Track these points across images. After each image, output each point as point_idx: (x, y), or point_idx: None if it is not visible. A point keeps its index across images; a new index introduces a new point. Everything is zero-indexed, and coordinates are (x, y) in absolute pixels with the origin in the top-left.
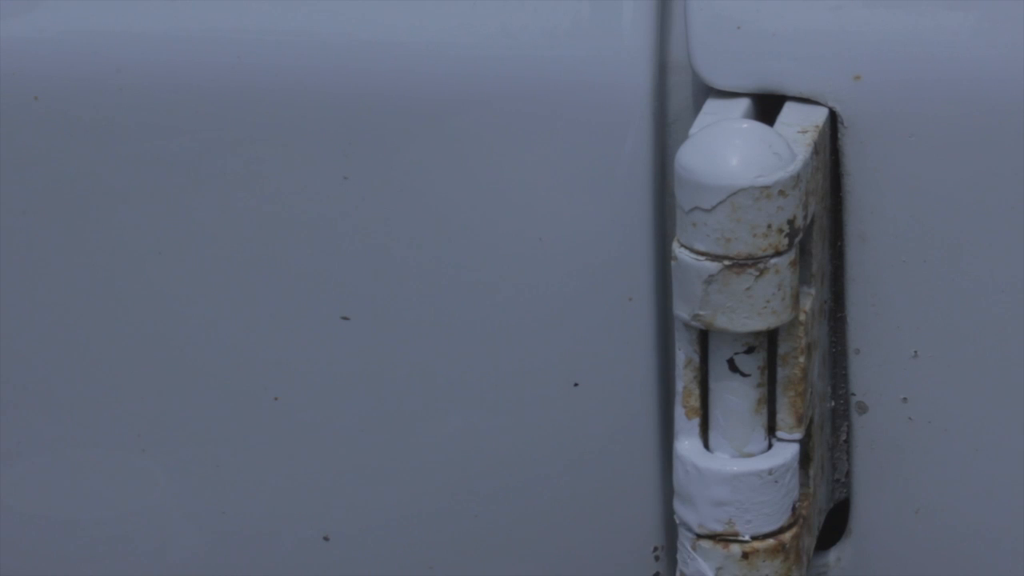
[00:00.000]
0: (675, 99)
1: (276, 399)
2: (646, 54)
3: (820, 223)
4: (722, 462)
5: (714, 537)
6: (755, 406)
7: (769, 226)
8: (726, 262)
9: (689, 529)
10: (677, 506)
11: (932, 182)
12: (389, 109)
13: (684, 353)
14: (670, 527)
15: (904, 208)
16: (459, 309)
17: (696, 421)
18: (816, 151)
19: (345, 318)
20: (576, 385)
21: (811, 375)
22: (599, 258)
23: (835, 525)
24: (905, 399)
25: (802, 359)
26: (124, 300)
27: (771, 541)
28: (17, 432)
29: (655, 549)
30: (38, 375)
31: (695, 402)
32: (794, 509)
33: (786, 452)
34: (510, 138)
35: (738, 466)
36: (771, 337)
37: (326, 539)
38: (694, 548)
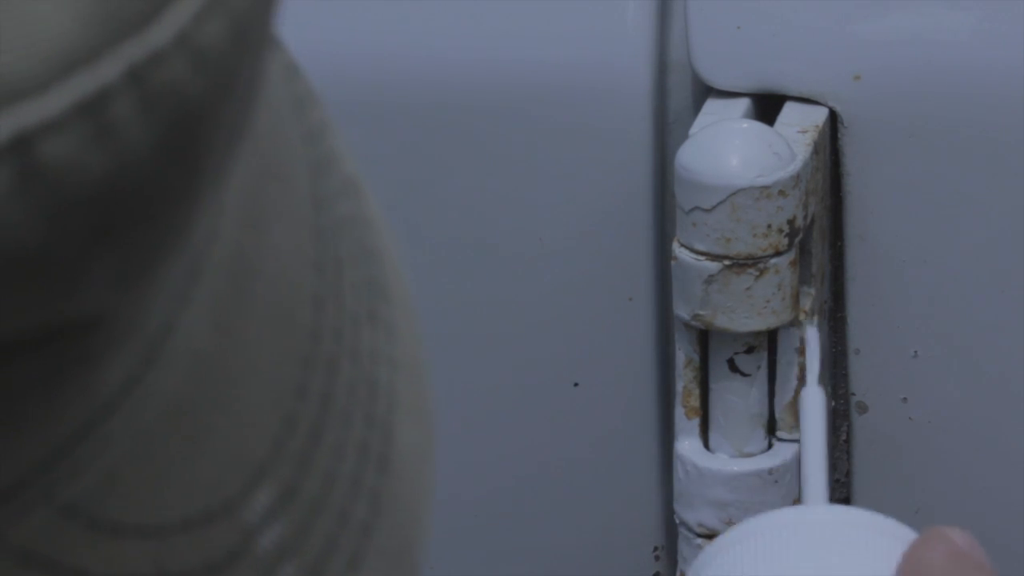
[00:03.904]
0: (675, 99)
1: None
2: (646, 54)
3: (820, 223)
4: (722, 462)
5: (714, 537)
6: (755, 406)
7: (769, 226)
8: (726, 262)
9: (689, 529)
10: (677, 506)
11: (932, 182)
12: (388, 110)
13: (684, 353)
14: (670, 527)
15: (904, 208)
16: (459, 309)
17: (696, 421)
18: (816, 151)
19: None
20: (576, 385)
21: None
22: (599, 258)
23: None
24: (905, 399)
25: (802, 359)
26: None
27: None
28: None
29: (655, 549)
30: None
31: (695, 402)
32: None
33: (786, 452)
34: (509, 138)
35: (738, 466)
36: (771, 337)
37: None
38: (694, 548)
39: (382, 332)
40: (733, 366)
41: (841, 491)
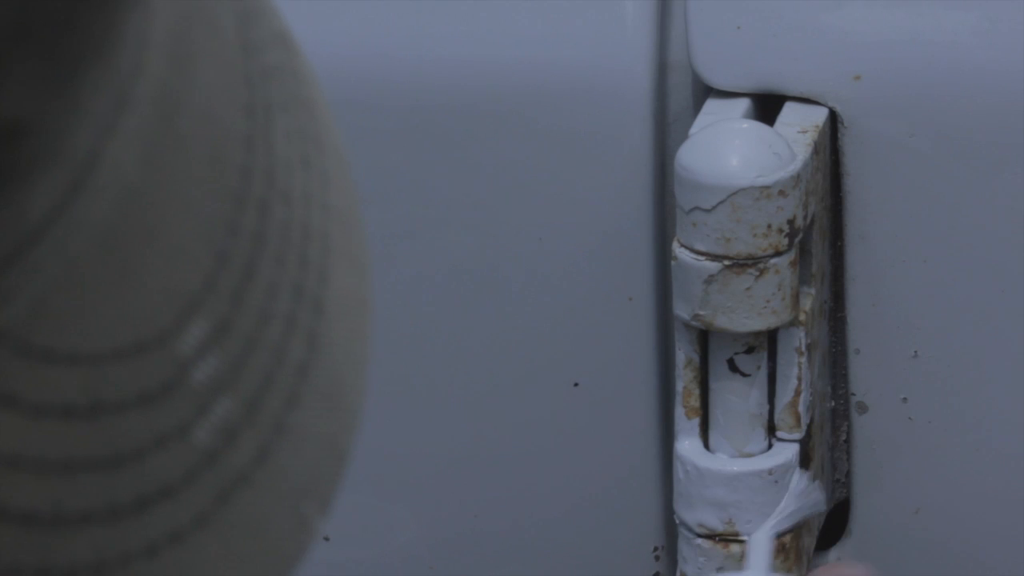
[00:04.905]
0: (675, 99)
1: None
2: (646, 54)
3: (820, 223)
4: (722, 462)
5: (714, 537)
6: (755, 406)
7: (769, 226)
8: (726, 262)
9: (689, 529)
10: (677, 506)
11: (932, 182)
12: (388, 110)
13: (684, 353)
14: (670, 527)
15: (904, 208)
16: (459, 309)
17: (696, 421)
18: (816, 151)
19: None
20: (576, 385)
21: (811, 375)
22: (599, 258)
23: (835, 525)
24: (905, 399)
25: (802, 359)
26: None
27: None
28: None
29: (655, 549)
30: None
31: (695, 402)
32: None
33: (786, 452)
34: (509, 138)
35: (738, 466)
36: (771, 337)
37: (326, 539)
38: (694, 548)
39: (315, 178)
40: (733, 366)
41: (841, 491)
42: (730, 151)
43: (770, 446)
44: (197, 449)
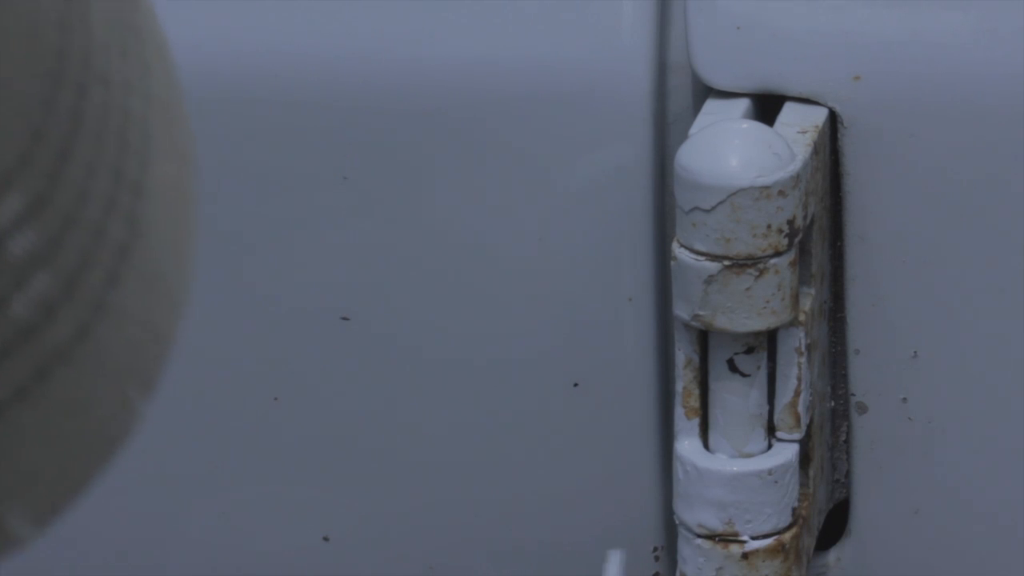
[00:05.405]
0: (675, 100)
1: (276, 399)
2: (646, 55)
3: (820, 223)
4: (722, 462)
5: (714, 537)
6: (755, 406)
7: (769, 226)
8: (726, 262)
9: (689, 529)
10: (677, 506)
11: (932, 182)
12: (388, 110)
13: (684, 353)
14: (670, 527)
15: (904, 208)
16: (459, 309)
17: (696, 421)
18: (816, 151)
19: (345, 318)
20: (576, 385)
21: (811, 375)
22: (599, 258)
23: (835, 525)
24: (905, 399)
25: (802, 359)
26: None
27: (771, 541)
28: None
29: (655, 549)
30: None
31: (695, 402)
32: (794, 509)
33: (786, 452)
34: (509, 138)
35: (738, 466)
36: (771, 337)
37: (326, 539)
38: (694, 548)
39: (135, 67)
40: (733, 366)
41: (841, 491)
42: (730, 151)
43: (770, 446)
44: (13, 322)
